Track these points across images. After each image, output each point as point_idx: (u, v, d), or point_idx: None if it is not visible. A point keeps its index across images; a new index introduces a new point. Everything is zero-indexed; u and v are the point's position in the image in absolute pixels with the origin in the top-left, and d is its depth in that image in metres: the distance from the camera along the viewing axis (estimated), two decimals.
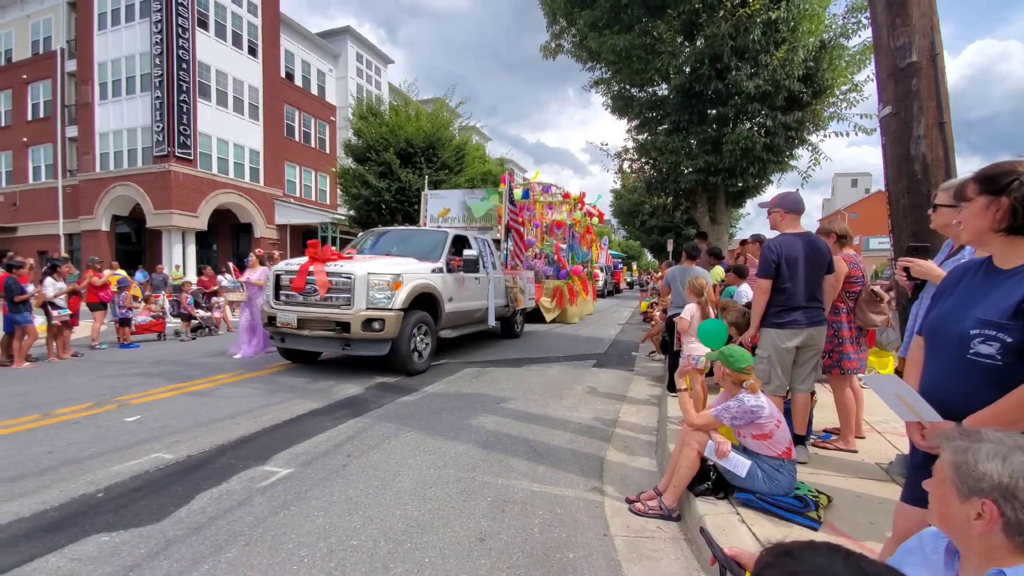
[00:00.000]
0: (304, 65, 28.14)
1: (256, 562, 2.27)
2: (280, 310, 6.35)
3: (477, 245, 8.44)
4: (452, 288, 7.32)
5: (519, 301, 9.93)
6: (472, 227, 11.17)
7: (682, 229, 28.33)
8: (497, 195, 11.35)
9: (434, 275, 6.92)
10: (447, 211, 12.08)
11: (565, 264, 14.79)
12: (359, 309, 5.94)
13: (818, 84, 9.55)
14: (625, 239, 55.25)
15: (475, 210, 11.66)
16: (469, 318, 8.16)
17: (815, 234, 3.47)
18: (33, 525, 2.54)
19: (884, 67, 3.53)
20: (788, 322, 3.28)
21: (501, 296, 9.25)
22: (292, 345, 6.52)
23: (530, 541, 2.54)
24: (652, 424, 4.69)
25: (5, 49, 25.47)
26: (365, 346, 6.03)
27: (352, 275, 6.02)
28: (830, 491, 2.79)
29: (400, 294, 6.13)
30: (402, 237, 8.27)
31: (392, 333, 6.01)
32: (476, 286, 8.16)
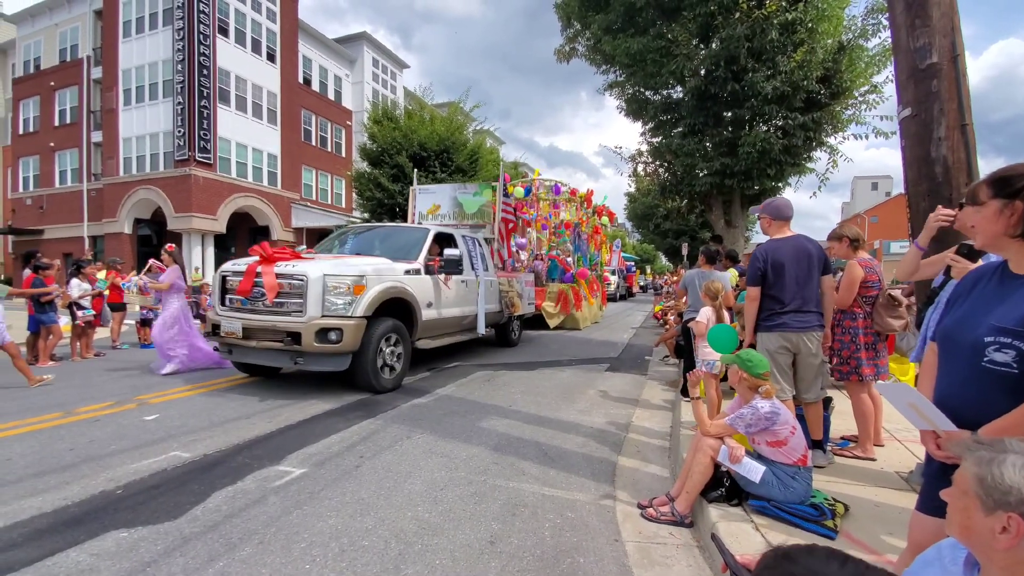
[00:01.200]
0: (321, 70, 28.53)
1: (269, 560, 2.30)
2: (224, 317, 5.46)
3: (464, 244, 7.70)
4: (431, 292, 6.48)
5: (516, 306, 9.17)
6: (463, 225, 10.42)
7: (697, 232, 28.09)
8: (490, 189, 10.48)
9: (408, 277, 6.04)
10: (437, 207, 11.17)
11: (570, 267, 13.90)
12: (312, 317, 5.03)
13: (836, 85, 9.42)
14: (639, 242, 54.94)
15: (467, 206, 10.80)
16: (455, 326, 7.33)
17: (805, 237, 3.43)
18: (55, 520, 2.61)
19: (904, 68, 3.48)
20: (775, 325, 3.30)
21: (494, 301, 8.44)
22: (239, 358, 5.67)
23: (540, 545, 2.54)
24: (665, 429, 4.65)
25: (34, 57, 26.23)
26: (320, 360, 5.15)
27: (305, 277, 5.13)
28: (847, 500, 2.73)
29: (363, 299, 5.27)
30: (378, 235, 7.46)
31: (352, 345, 5.14)
32: (462, 290, 7.31)
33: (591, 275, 14.61)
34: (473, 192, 10.93)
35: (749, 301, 3.42)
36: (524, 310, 9.67)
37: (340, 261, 5.69)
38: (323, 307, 5.11)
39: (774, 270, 3.27)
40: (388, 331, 5.57)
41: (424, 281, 6.36)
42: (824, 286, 3.37)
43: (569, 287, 12.75)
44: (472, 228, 10.13)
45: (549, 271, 13.39)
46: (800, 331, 3.26)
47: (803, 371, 3.34)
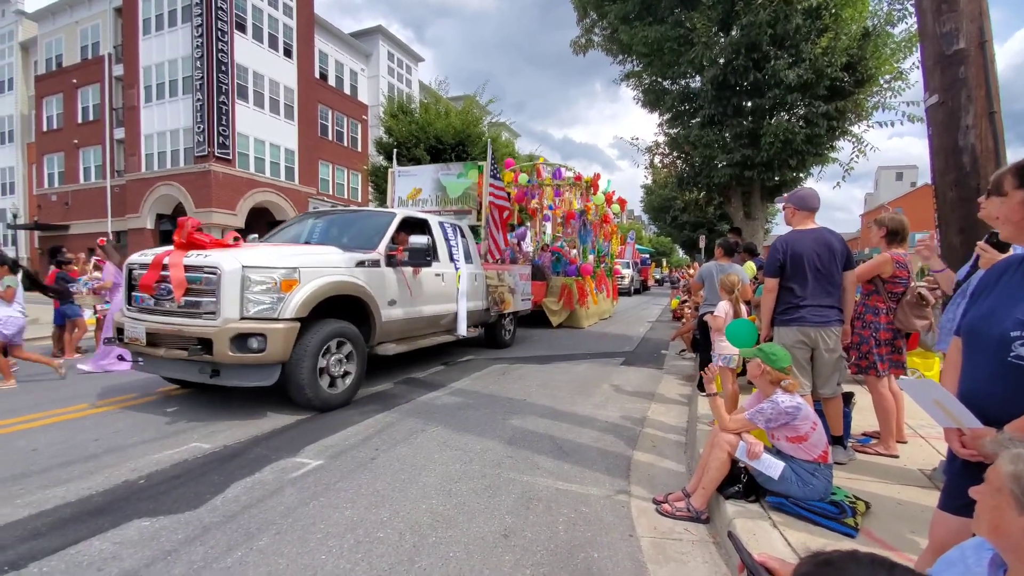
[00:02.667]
0: (337, 65, 28.67)
1: (286, 551, 2.33)
2: (129, 319, 4.54)
3: (441, 232, 6.76)
4: (394, 288, 5.49)
5: (507, 303, 8.15)
6: (447, 211, 9.33)
7: (715, 225, 27.71)
8: (476, 170, 9.38)
9: (362, 270, 5.05)
10: (418, 191, 10.06)
11: (574, 259, 12.72)
12: (228, 320, 4.07)
13: (861, 73, 9.16)
14: (656, 235, 54.45)
15: (450, 189, 9.67)
16: (429, 326, 6.34)
17: (827, 229, 3.34)
18: (79, 510, 2.67)
19: (930, 54, 3.36)
20: (793, 319, 3.22)
21: (479, 297, 7.50)
22: (150, 369, 4.67)
23: (554, 539, 2.53)
24: (681, 424, 4.60)
25: (56, 54, 26.80)
26: (241, 373, 4.21)
27: (217, 269, 4.11)
28: (869, 497, 2.68)
29: (294, 297, 4.30)
30: (338, 222, 6.52)
31: (280, 354, 4.19)
32: (438, 285, 6.37)
33: (600, 268, 13.54)
34: (457, 173, 9.79)
35: (766, 292, 3.35)
36: (517, 307, 8.67)
37: (270, 250, 4.72)
38: (242, 307, 4.14)
39: (793, 262, 3.20)
40: (332, 335, 4.60)
41: (385, 275, 5.37)
42: (846, 281, 3.28)
43: (573, 281, 11.69)
44: (456, 214, 9.16)
45: (553, 264, 12.41)
46: (819, 326, 3.18)
47: (820, 366, 3.27)
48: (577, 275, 11.89)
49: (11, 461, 3.29)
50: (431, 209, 9.42)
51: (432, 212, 8.84)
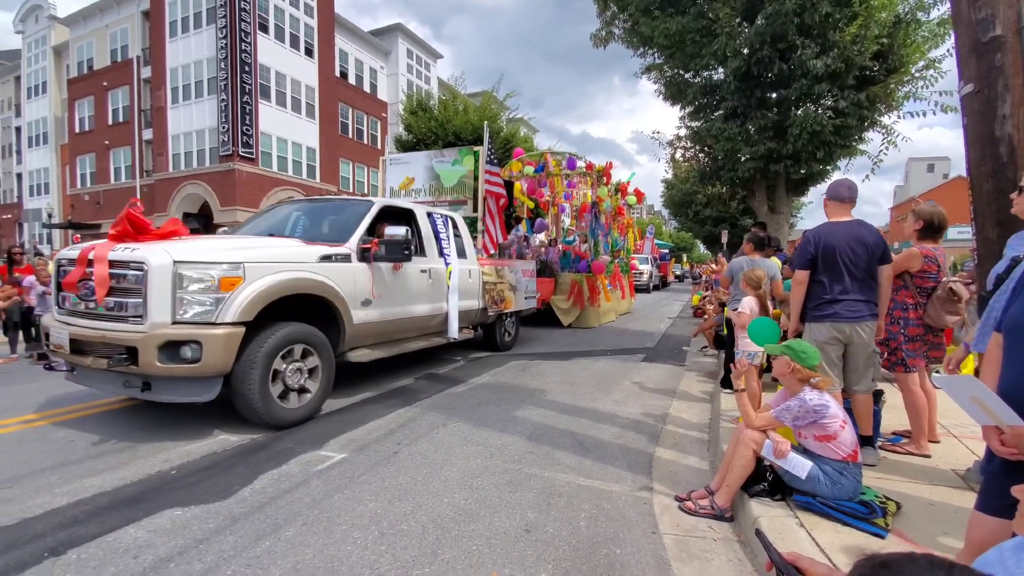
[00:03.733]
0: (357, 63, 28.94)
1: (312, 541, 2.38)
2: (56, 323, 3.97)
3: (429, 224, 6.10)
4: (368, 285, 4.83)
5: (507, 301, 7.51)
6: (442, 201, 8.71)
7: (738, 219, 27.23)
8: (471, 156, 8.80)
9: (327, 266, 4.41)
10: (410, 180, 9.37)
11: (585, 254, 11.89)
12: (156, 324, 3.46)
13: (893, 61, 8.89)
14: (676, 230, 53.80)
15: (444, 178, 9.04)
16: (415, 328, 5.73)
17: (862, 222, 3.25)
18: (114, 498, 2.76)
19: (965, 42, 3.24)
20: (826, 315, 3.12)
21: (475, 295, 6.83)
22: (81, 380, 4.01)
23: (576, 535, 2.53)
24: (704, 421, 4.55)
25: (87, 58, 27.61)
26: (174, 387, 3.60)
27: (144, 265, 3.49)
28: (900, 497, 2.61)
29: (237, 297, 3.67)
30: (311, 212, 5.81)
31: (219, 364, 3.59)
32: (424, 283, 5.70)
33: (615, 264, 12.75)
34: (452, 160, 9.11)
35: (796, 285, 3.26)
36: (519, 306, 7.99)
37: (211, 243, 4.10)
38: (173, 309, 3.53)
39: (826, 255, 3.10)
40: (289, 341, 4.00)
41: (356, 271, 4.71)
42: (881, 276, 3.18)
43: (584, 277, 10.95)
44: (451, 205, 8.58)
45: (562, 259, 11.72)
46: (853, 321, 3.09)
47: (855, 361, 3.18)
48: (588, 271, 11.23)
49: (50, 451, 3.41)
50: (425, 200, 8.73)
51: (425, 203, 8.09)
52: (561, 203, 13.32)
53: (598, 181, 12.07)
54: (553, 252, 11.66)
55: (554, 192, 12.88)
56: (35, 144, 31.35)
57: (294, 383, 4.07)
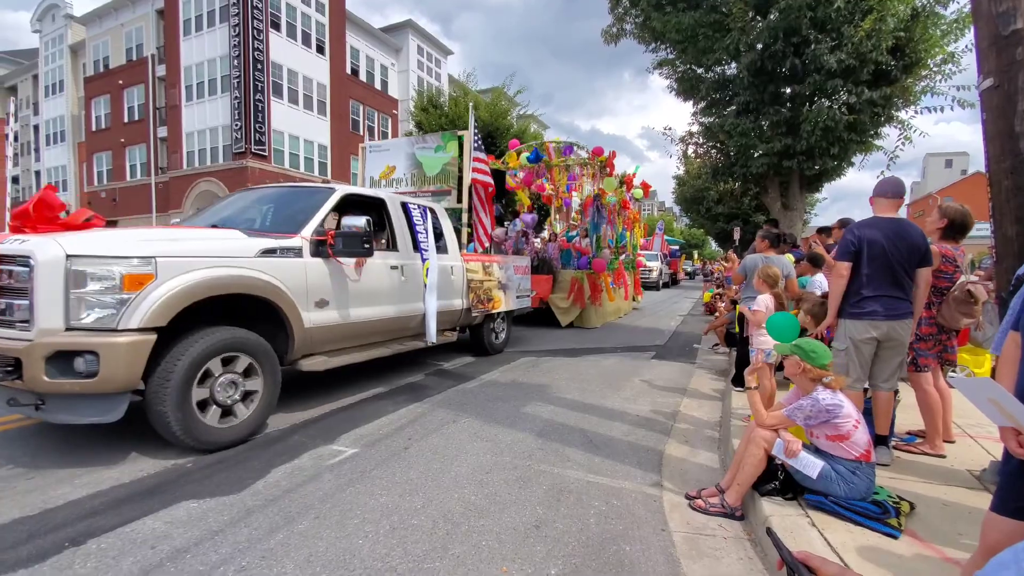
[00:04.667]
0: (368, 60, 29.02)
1: (325, 534, 2.41)
2: None
3: (404, 215, 5.49)
4: (324, 284, 4.23)
5: (495, 301, 6.86)
6: (424, 191, 7.98)
7: (751, 216, 26.96)
8: (456, 141, 7.96)
9: (267, 260, 3.76)
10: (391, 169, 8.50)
11: (586, 250, 11.17)
12: (45, 330, 2.91)
13: (909, 56, 8.73)
14: (688, 227, 53.42)
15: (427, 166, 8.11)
16: (384, 331, 5.09)
17: (910, 222, 3.19)
18: (132, 490, 2.82)
19: (984, 35, 3.17)
20: (866, 312, 3.07)
21: (457, 294, 6.24)
22: None
23: (586, 531, 2.54)
24: (715, 419, 4.53)
25: (103, 56, 27.98)
26: (72, 406, 3.05)
27: (31, 259, 2.92)
28: (914, 498, 2.59)
29: (146, 299, 3.10)
30: (265, 200, 5.07)
31: (123, 379, 3.04)
32: (395, 281, 5.10)
33: (619, 260, 12.17)
34: (435, 146, 8.20)
35: (838, 278, 3.18)
36: (510, 305, 7.32)
37: (117, 234, 3.46)
38: (66, 313, 2.96)
39: (869, 250, 3.05)
40: (218, 350, 3.35)
41: (308, 267, 4.09)
42: (920, 278, 3.13)
43: (584, 274, 10.32)
44: (435, 195, 7.90)
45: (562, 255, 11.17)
46: (892, 318, 3.04)
47: (888, 359, 3.13)
48: (589, 268, 10.63)
49: (71, 441, 3.48)
50: (406, 190, 8.06)
51: (407, 193, 7.52)
52: (565, 197, 12.75)
53: (600, 172, 11.16)
54: (553, 248, 11.15)
55: (555, 184, 12.23)
56: (53, 142, 31.88)
57: (226, 398, 3.46)
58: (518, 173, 12.17)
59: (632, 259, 14.36)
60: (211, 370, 3.37)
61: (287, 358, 4.07)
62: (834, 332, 3.31)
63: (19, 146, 33.07)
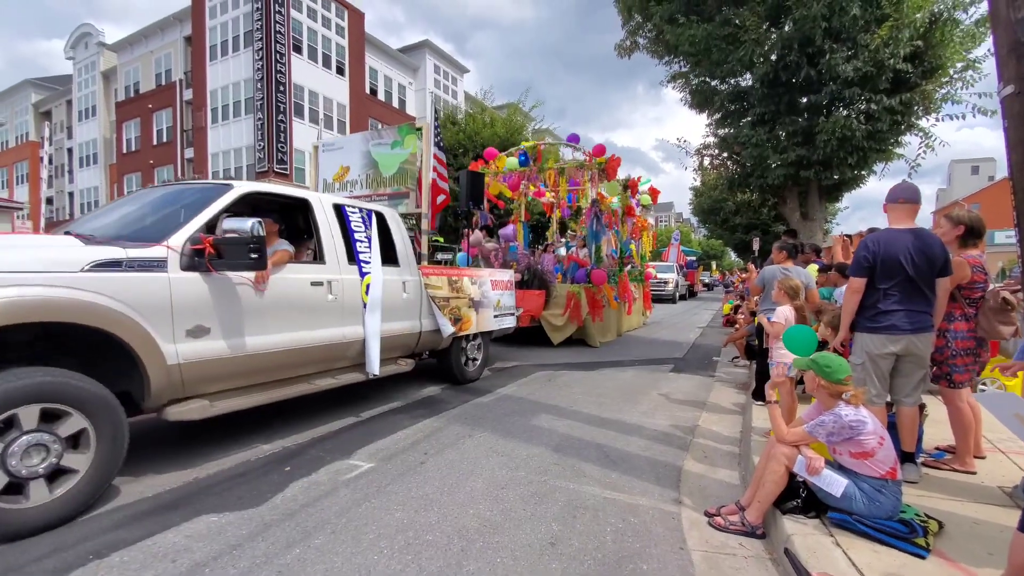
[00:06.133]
0: (386, 80, 29.64)
1: (341, 550, 2.42)
2: None
3: (337, 218, 4.58)
4: (203, 306, 3.29)
5: (466, 322, 5.87)
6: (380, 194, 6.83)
7: (769, 226, 26.66)
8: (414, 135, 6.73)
9: (100, 276, 2.84)
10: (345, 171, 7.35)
11: (585, 262, 10.15)
12: None
13: (928, 63, 8.62)
14: (706, 237, 52.94)
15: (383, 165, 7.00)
16: (309, 362, 4.13)
17: (929, 232, 3.12)
18: (154, 504, 2.87)
19: (1004, 42, 3.12)
20: (884, 326, 2.98)
21: (413, 314, 5.24)
22: None
23: (602, 549, 2.50)
24: (735, 434, 4.45)
25: (134, 82, 29.11)
26: None
27: None
28: (942, 516, 2.50)
29: None
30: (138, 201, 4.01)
31: None
32: (318, 299, 4.14)
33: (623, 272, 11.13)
34: (391, 141, 7.03)
35: (851, 293, 3.12)
36: (486, 326, 6.30)
37: None
38: None
39: (886, 263, 2.97)
40: (12, 401, 2.44)
41: (176, 284, 3.14)
42: (939, 289, 3.04)
43: (582, 288, 9.36)
44: (391, 199, 6.76)
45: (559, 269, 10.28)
46: (912, 332, 2.95)
47: (909, 373, 3.04)
48: (587, 281, 9.71)
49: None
50: (362, 194, 6.92)
51: (362, 197, 6.55)
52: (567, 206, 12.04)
53: (600, 175, 10.09)
54: (548, 259, 10.19)
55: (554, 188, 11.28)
56: (86, 164, 33.09)
57: (30, 469, 2.48)
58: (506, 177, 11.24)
59: (640, 271, 13.44)
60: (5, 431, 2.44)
61: (146, 403, 3.13)
62: (851, 346, 3.24)
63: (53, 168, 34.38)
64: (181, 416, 3.20)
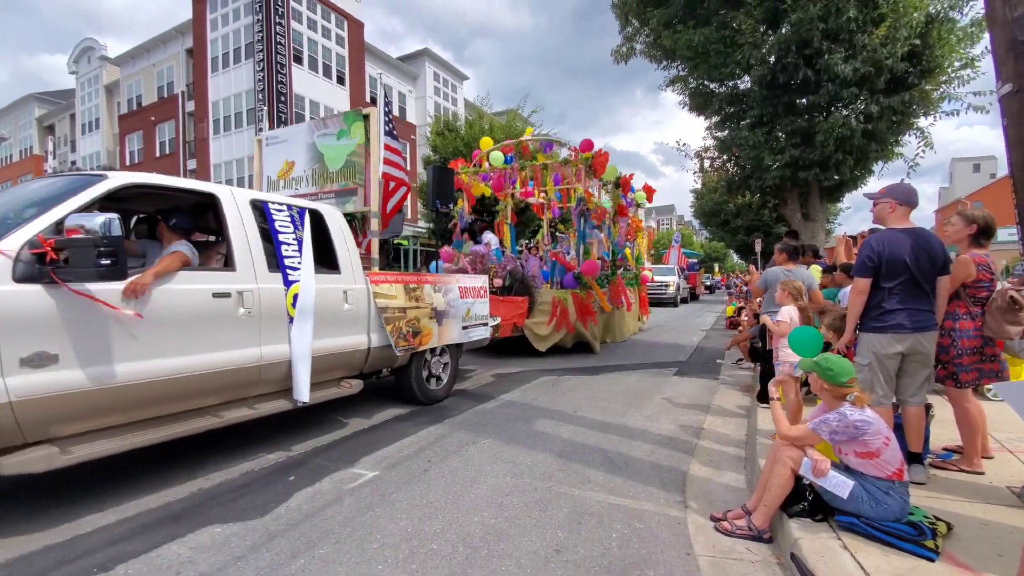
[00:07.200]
0: (386, 89, 29.79)
1: (345, 559, 2.41)
2: None
3: (254, 219, 3.87)
4: (43, 324, 2.60)
5: (425, 334, 5.12)
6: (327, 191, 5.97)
7: (771, 228, 26.61)
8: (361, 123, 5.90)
9: None
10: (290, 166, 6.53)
11: (572, 265, 9.46)
12: None
13: (926, 62, 8.64)
14: (708, 240, 52.90)
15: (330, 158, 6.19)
16: (210, 391, 3.44)
17: (928, 231, 3.13)
18: (159, 516, 2.87)
19: (1001, 41, 3.12)
20: (890, 325, 2.98)
21: (359, 328, 4.55)
22: None
23: (607, 555, 2.49)
24: (740, 437, 4.43)
25: (136, 95, 29.33)
26: None
27: None
28: (951, 518, 2.48)
29: None
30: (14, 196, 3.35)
31: None
32: (223, 313, 3.45)
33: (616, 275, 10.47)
34: (337, 131, 6.16)
35: (857, 294, 3.12)
36: (451, 338, 5.58)
37: None
38: None
39: (890, 264, 2.98)
40: None
41: (3, 299, 2.48)
42: (940, 287, 3.06)
43: (569, 294, 8.77)
44: (338, 195, 5.92)
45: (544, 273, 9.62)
46: (917, 331, 2.96)
47: (914, 372, 3.04)
48: (577, 287, 9.06)
49: (100, 467, 3.55)
50: (308, 192, 6.07)
51: (308, 196, 5.84)
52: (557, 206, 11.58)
53: (587, 172, 9.49)
54: (533, 262, 9.54)
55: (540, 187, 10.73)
56: None
57: None
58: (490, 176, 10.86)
59: (636, 274, 12.72)
60: None
61: None
62: (856, 347, 3.23)
63: None
64: (18, 469, 2.54)
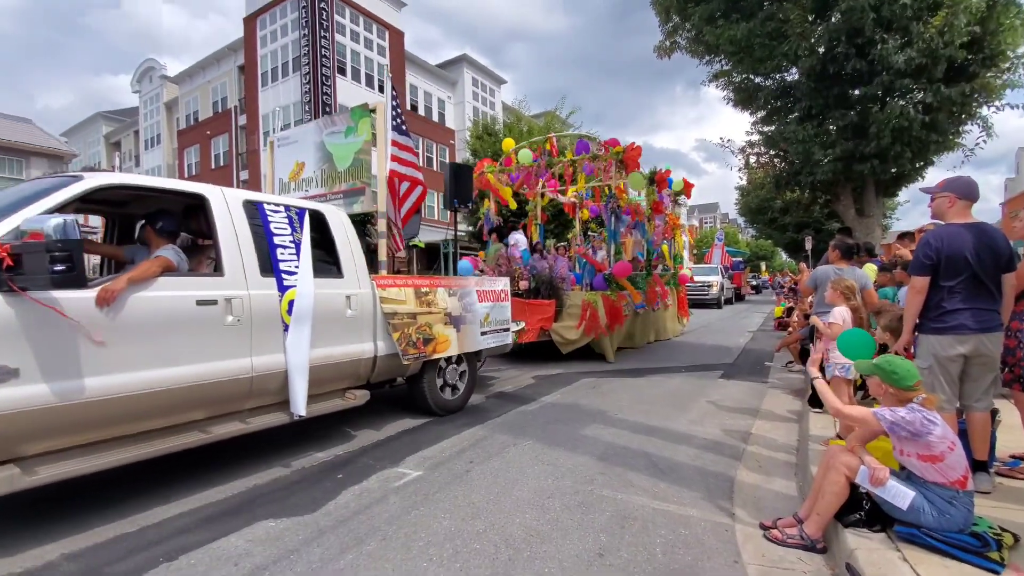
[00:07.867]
0: (426, 96, 30.36)
1: (392, 556, 2.48)
2: None
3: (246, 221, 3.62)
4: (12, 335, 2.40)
5: (439, 342, 4.86)
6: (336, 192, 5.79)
7: (823, 224, 25.52)
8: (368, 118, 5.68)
9: None
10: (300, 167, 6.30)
11: (603, 266, 9.19)
12: None
13: (988, 50, 8.10)
14: (754, 238, 51.15)
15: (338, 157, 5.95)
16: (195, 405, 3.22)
17: (991, 226, 2.94)
18: (217, 509, 3.03)
19: None
20: (951, 327, 2.80)
21: (364, 335, 4.30)
22: None
23: (652, 561, 2.46)
24: (791, 442, 4.27)
25: (193, 111, 31.04)
26: None
27: None
28: (1018, 529, 2.32)
29: None
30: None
31: None
32: (209, 321, 3.23)
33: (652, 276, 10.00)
34: (345, 128, 5.89)
35: (914, 293, 2.96)
36: (470, 346, 5.29)
37: None
38: None
39: (951, 261, 2.81)
40: None
41: None
42: (1006, 285, 2.86)
43: (599, 296, 8.34)
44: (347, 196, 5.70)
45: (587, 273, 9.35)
46: (981, 332, 2.78)
47: (979, 376, 2.86)
48: (608, 288, 8.66)
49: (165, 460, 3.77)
50: (317, 192, 5.92)
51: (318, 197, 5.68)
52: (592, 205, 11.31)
53: (618, 167, 9.00)
54: (562, 263, 9.16)
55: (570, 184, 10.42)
56: None
57: None
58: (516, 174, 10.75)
59: (674, 273, 12.32)
60: None
61: None
62: (916, 349, 3.06)
63: None
64: None
